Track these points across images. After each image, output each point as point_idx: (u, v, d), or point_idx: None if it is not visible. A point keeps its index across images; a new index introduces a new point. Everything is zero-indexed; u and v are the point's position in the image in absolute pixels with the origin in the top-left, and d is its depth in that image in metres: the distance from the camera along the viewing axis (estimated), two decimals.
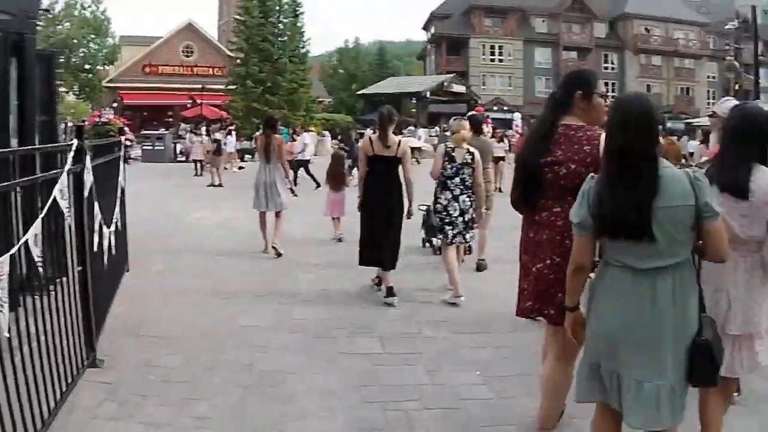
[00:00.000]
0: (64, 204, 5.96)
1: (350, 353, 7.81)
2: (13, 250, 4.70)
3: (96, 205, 7.33)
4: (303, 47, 57.11)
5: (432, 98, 63.04)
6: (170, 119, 63.33)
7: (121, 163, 11.15)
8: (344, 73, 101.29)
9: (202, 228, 17.08)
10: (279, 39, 54.64)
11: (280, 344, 8.05)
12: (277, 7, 55.44)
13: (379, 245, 10.34)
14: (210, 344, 7.94)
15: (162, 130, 50.34)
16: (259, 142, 14.05)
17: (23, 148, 8.37)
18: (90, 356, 6.98)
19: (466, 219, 10.52)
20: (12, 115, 9.18)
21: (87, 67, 75.24)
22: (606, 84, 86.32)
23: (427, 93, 62.48)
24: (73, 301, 6.49)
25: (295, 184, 24.32)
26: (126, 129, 32.21)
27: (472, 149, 10.65)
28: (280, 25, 55.72)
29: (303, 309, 9.66)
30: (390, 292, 10.15)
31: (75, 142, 6.51)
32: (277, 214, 13.81)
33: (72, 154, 6.32)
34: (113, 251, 8.71)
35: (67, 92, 77.22)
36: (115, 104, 62.91)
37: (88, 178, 6.90)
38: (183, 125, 52.08)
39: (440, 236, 10.84)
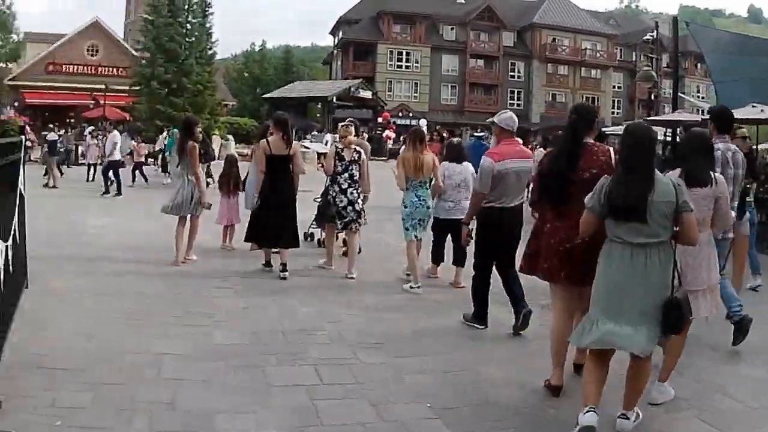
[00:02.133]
0: None
1: (283, 386, 6.95)
2: None
3: None
4: (210, 48, 55.60)
5: (338, 103, 62.19)
6: (72, 120, 61.15)
7: (21, 167, 9.81)
8: (249, 77, 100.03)
9: (103, 237, 15.82)
10: (186, 39, 53.09)
11: (202, 377, 7.08)
12: (186, 7, 53.81)
13: (275, 228, 12.05)
14: (123, 378, 6.93)
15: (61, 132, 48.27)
16: (176, 146, 13.46)
17: None
18: None
19: (356, 208, 12.40)
20: None
21: None
22: (512, 92, 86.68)
23: (333, 98, 61.58)
24: None
25: (107, 190, 25.64)
26: (27, 128, 29.89)
27: (359, 149, 12.61)
28: (188, 25, 54.08)
29: (223, 332, 8.73)
30: (285, 267, 11.97)
31: None
32: (192, 222, 13.16)
33: None
34: (10, 269, 7.69)
35: None
36: (16, 103, 61.01)
37: None
38: (94, 127, 50.12)
39: (329, 223, 12.87)
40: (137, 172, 30.91)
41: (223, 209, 14.94)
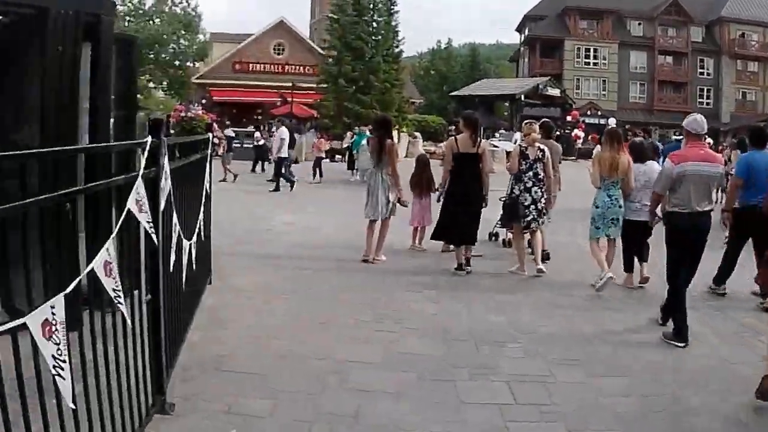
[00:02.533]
0: (144, 217, 4.73)
1: (475, 402, 6.41)
2: (68, 289, 3.49)
3: (174, 216, 6.05)
4: (397, 46, 55.81)
5: (526, 101, 61.12)
6: (260, 117, 62.66)
7: (208, 165, 9.69)
8: (436, 74, 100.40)
9: (290, 234, 15.75)
10: (373, 38, 53.53)
11: (389, 388, 6.63)
12: (371, 5, 54.30)
13: (461, 225, 12.04)
14: (304, 385, 6.57)
15: (250, 128, 48.92)
16: (370, 145, 13.40)
17: (73, 147, 6.73)
18: (158, 400, 5.64)
19: (538, 207, 12.27)
20: (83, 108, 7.95)
21: (176, 63, 75.00)
22: (701, 90, 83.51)
23: (522, 96, 60.69)
24: (139, 332, 5.14)
25: (278, 187, 26.27)
26: (215, 125, 29.86)
27: (543, 147, 12.46)
28: (374, 23, 54.64)
29: (413, 339, 8.24)
30: (468, 261, 12.17)
31: (149, 139, 5.16)
32: (383, 223, 13.03)
33: (146, 154, 5.00)
34: (194, 267, 7.47)
35: (156, 87, 77.38)
36: (204, 101, 62.77)
37: (166, 185, 5.57)
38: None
39: (515, 223, 12.57)
40: (317, 168, 31.50)
41: (415, 210, 14.55)
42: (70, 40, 7.46)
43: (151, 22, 72.95)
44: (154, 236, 5.02)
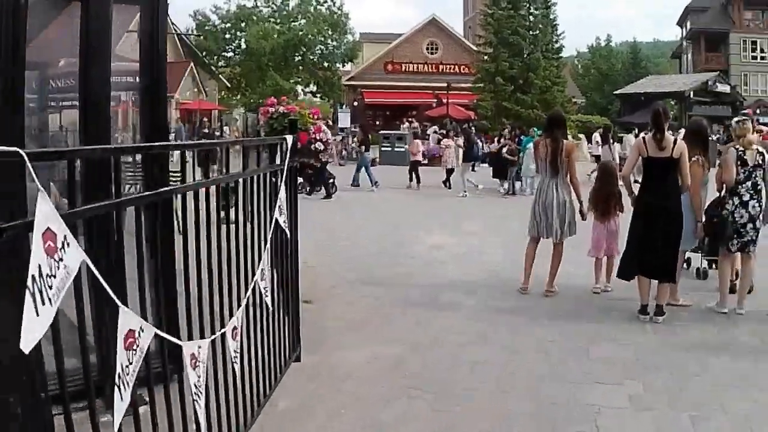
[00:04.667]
0: None
1: None
2: None
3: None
4: (556, 41, 53.51)
5: (695, 99, 58.25)
6: (413, 119, 60.88)
7: (283, 187, 6.18)
8: (596, 73, 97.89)
9: (438, 266, 12.26)
10: (530, 32, 51.62)
11: None
12: None
13: (651, 253, 9.32)
14: None
15: (404, 129, 47.77)
16: (541, 148, 10.69)
17: None
18: None
19: (756, 226, 9.90)
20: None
21: (325, 64, 74.91)
22: None
23: (690, 93, 57.77)
24: None
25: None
26: (320, 125, 22.16)
27: (761, 149, 10.23)
28: (530, 17, 53.08)
29: None
30: (660, 310, 9.23)
31: None
32: (555, 247, 10.71)
33: None
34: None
35: (303, 89, 77.67)
36: (355, 103, 63.33)
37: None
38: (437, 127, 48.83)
39: (722, 246, 10.14)
40: (413, 173, 28.71)
41: (597, 237, 11.21)
42: None
43: (296, 23, 73.10)
44: None
